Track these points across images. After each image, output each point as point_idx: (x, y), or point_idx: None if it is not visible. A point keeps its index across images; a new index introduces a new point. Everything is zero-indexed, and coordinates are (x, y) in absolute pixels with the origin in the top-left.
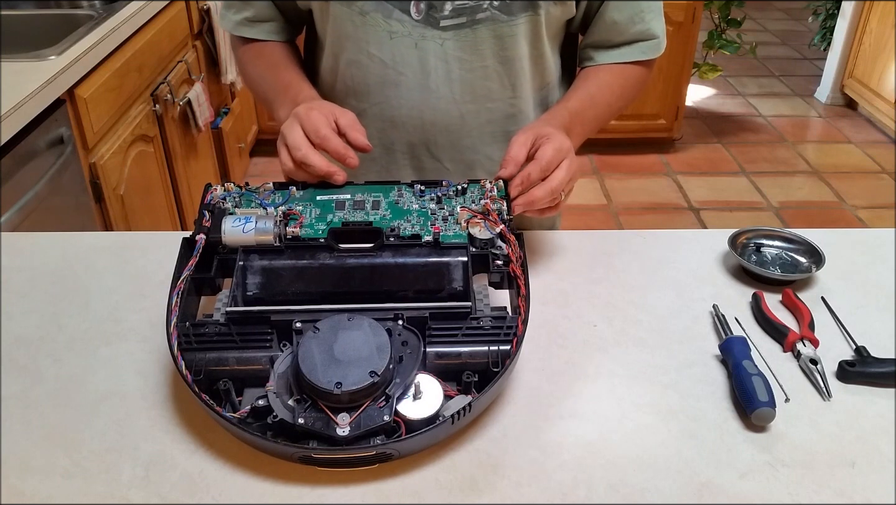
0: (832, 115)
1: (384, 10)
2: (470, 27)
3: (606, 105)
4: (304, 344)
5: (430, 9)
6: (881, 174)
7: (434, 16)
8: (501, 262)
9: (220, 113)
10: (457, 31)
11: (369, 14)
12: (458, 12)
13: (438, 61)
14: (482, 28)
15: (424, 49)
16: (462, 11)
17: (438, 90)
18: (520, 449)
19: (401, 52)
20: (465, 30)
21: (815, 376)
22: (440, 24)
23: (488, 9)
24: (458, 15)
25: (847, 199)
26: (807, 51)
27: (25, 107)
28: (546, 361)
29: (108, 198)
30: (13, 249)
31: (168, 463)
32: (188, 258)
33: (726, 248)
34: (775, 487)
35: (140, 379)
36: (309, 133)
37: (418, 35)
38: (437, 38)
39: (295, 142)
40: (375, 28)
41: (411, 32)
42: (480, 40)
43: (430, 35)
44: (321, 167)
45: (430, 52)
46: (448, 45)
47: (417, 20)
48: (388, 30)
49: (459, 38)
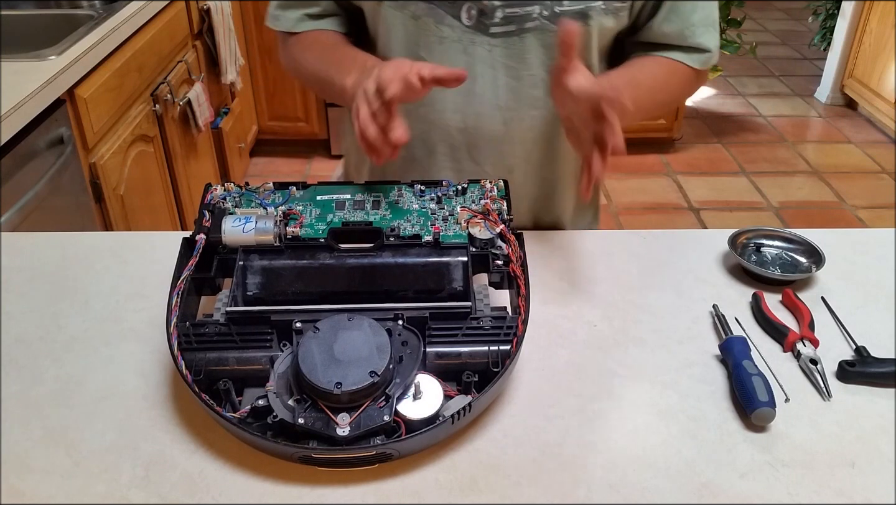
0: (832, 115)
1: (436, 15)
2: (518, 35)
3: (648, 90)
4: (304, 344)
5: (481, 15)
6: (881, 174)
7: (484, 22)
8: (501, 262)
9: (220, 113)
10: (506, 39)
11: (421, 18)
12: (509, 20)
13: (486, 67)
14: (530, 37)
15: (473, 55)
16: (512, 19)
17: (484, 95)
18: (520, 449)
19: (449, 57)
20: (514, 38)
21: (815, 376)
22: (490, 31)
23: (538, 18)
24: (508, 22)
25: (847, 199)
26: (807, 51)
27: (25, 107)
28: (546, 361)
29: (108, 198)
30: (13, 249)
31: (168, 463)
32: (188, 258)
33: (726, 248)
34: (775, 487)
35: (140, 379)
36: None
37: (468, 41)
38: (486, 45)
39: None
40: (426, 32)
41: (461, 38)
42: (528, 49)
43: (479, 41)
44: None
45: (478, 57)
46: (496, 52)
47: (468, 26)
48: (439, 35)
49: (508, 46)
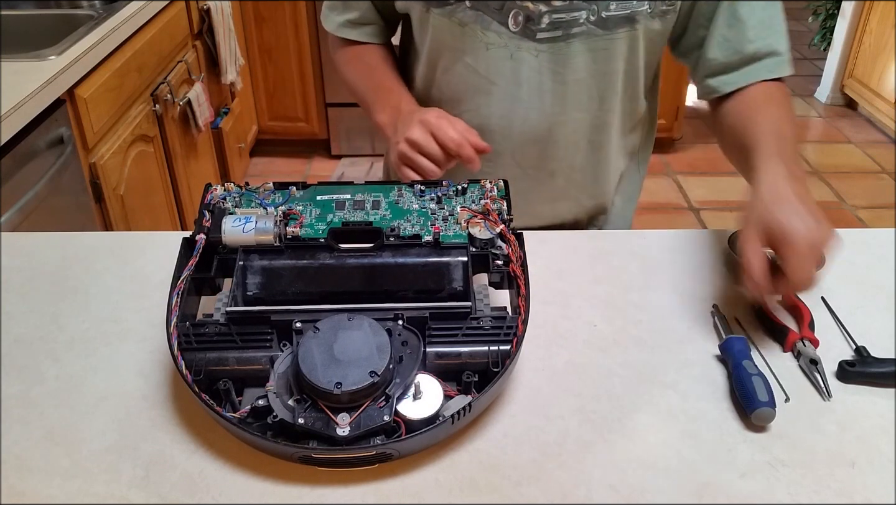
0: (832, 115)
1: (483, 21)
2: (564, 41)
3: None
4: (304, 344)
5: (528, 21)
6: (881, 174)
7: (531, 28)
8: (501, 262)
9: (220, 113)
10: (552, 45)
11: (468, 25)
12: (555, 25)
13: (532, 73)
14: (577, 42)
15: (519, 60)
16: (559, 25)
17: (529, 101)
18: (520, 449)
19: (495, 63)
20: (560, 43)
21: (816, 376)
22: (536, 37)
23: (584, 23)
24: (555, 28)
25: (847, 199)
26: (807, 51)
27: (25, 107)
28: (546, 360)
29: (108, 198)
30: (13, 249)
31: (168, 463)
32: (188, 258)
33: (726, 248)
34: (775, 487)
35: (140, 379)
36: (443, 140)
37: (514, 47)
38: (533, 51)
39: (435, 153)
40: (473, 39)
41: (507, 44)
42: (574, 54)
43: (525, 47)
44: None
45: (524, 63)
46: (542, 58)
47: (514, 32)
48: (485, 41)
49: (554, 52)
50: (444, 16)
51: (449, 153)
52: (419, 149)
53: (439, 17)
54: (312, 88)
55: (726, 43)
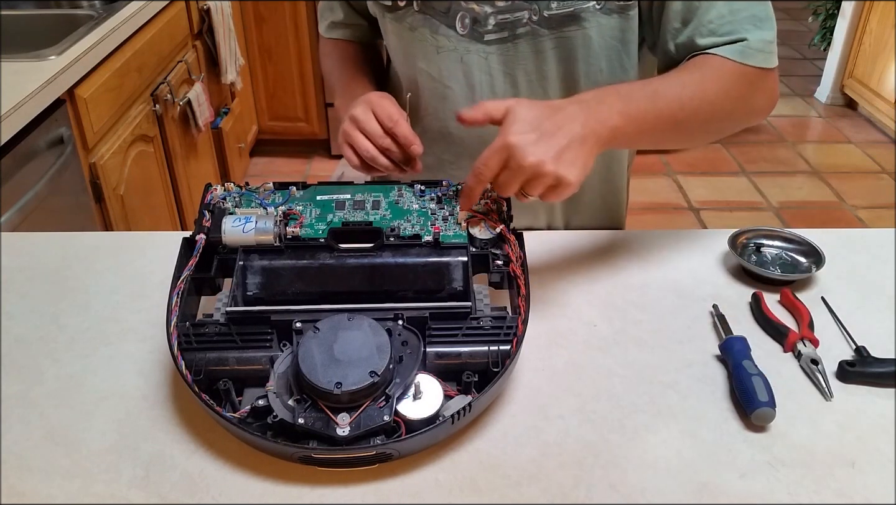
0: (832, 115)
1: (431, 25)
2: (511, 41)
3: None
4: (304, 344)
5: (475, 24)
6: (881, 174)
7: (478, 30)
8: (501, 262)
9: (220, 113)
10: (500, 45)
11: (418, 29)
12: (501, 27)
13: (483, 75)
14: (523, 42)
15: (469, 63)
16: (504, 26)
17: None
18: (520, 449)
19: (447, 66)
20: (508, 44)
21: (816, 376)
22: (484, 39)
23: (528, 23)
24: (500, 29)
25: (847, 199)
26: (807, 51)
27: (25, 107)
28: (546, 361)
29: (108, 198)
30: (13, 249)
31: (168, 463)
32: (188, 258)
33: (726, 248)
34: (775, 487)
35: (140, 379)
36: (380, 116)
37: (463, 49)
38: (482, 52)
39: (373, 129)
40: (423, 43)
41: (457, 47)
42: (522, 54)
43: (474, 49)
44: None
45: (474, 66)
46: (492, 59)
47: (462, 35)
48: (436, 45)
49: (502, 52)
50: (396, 20)
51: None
52: (358, 125)
53: (392, 22)
54: (312, 88)
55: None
